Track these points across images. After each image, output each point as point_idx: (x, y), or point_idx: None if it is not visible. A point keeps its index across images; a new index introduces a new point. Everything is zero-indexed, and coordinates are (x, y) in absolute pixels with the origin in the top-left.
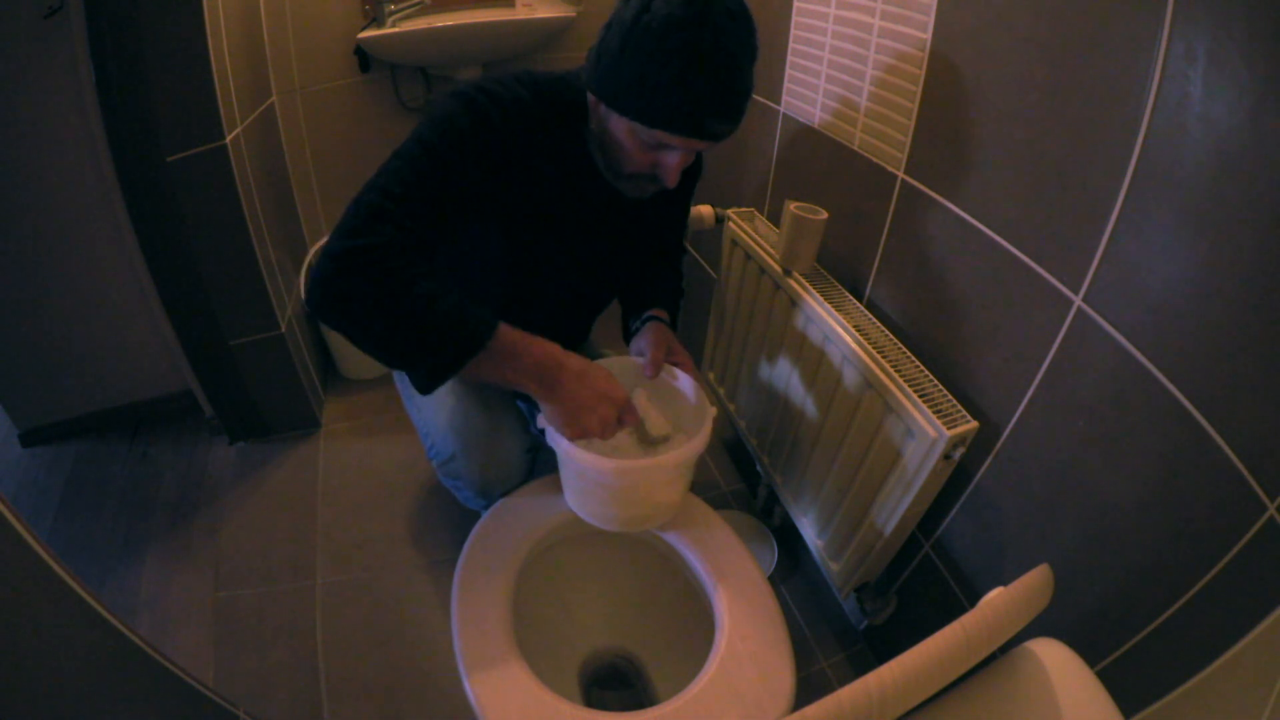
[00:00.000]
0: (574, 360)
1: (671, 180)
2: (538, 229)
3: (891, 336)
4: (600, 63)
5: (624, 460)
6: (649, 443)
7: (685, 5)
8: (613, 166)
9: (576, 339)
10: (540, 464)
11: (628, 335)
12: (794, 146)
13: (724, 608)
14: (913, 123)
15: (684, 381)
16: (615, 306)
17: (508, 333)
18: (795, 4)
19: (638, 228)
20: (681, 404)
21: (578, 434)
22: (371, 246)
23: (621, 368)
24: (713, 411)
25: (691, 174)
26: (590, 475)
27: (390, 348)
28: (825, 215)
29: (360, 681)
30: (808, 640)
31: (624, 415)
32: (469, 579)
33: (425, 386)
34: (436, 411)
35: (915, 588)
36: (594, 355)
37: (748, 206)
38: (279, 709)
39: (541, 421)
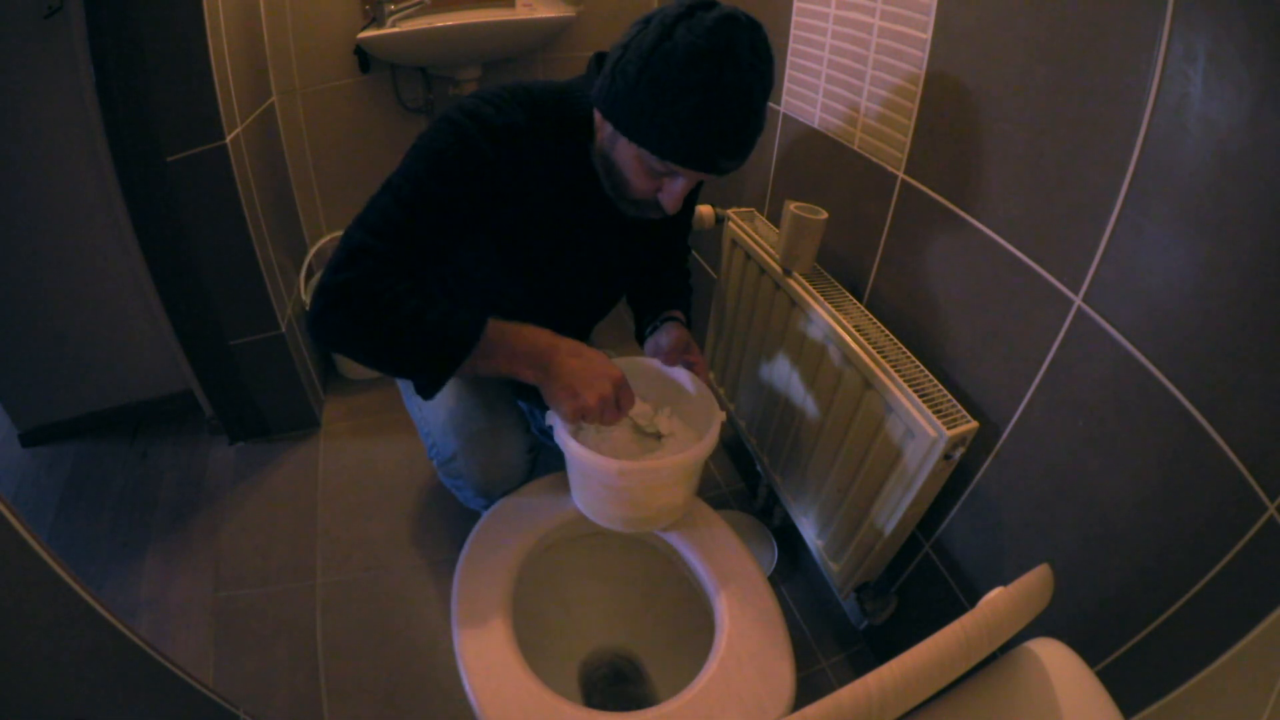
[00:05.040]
0: (567, 341)
1: (674, 207)
2: (540, 246)
3: (891, 336)
4: (613, 86)
5: (629, 461)
6: (649, 434)
7: (709, 36)
8: (616, 188)
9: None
10: (541, 464)
11: (641, 336)
12: (794, 146)
13: (724, 608)
14: (913, 123)
15: (694, 384)
16: (619, 308)
17: (496, 326)
18: (795, 4)
19: (643, 238)
20: (690, 406)
21: (577, 411)
22: (353, 280)
23: (630, 368)
24: (721, 415)
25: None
26: (596, 476)
27: (388, 364)
28: (825, 215)
29: (360, 681)
30: (808, 640)
31: (620, 395)
32: (469, 579)
33: (427, 392)
34: (437, 411)
35: (915, 588)
36: None
37: (748, 206)
38: (279, 709)
39: (549, 419)
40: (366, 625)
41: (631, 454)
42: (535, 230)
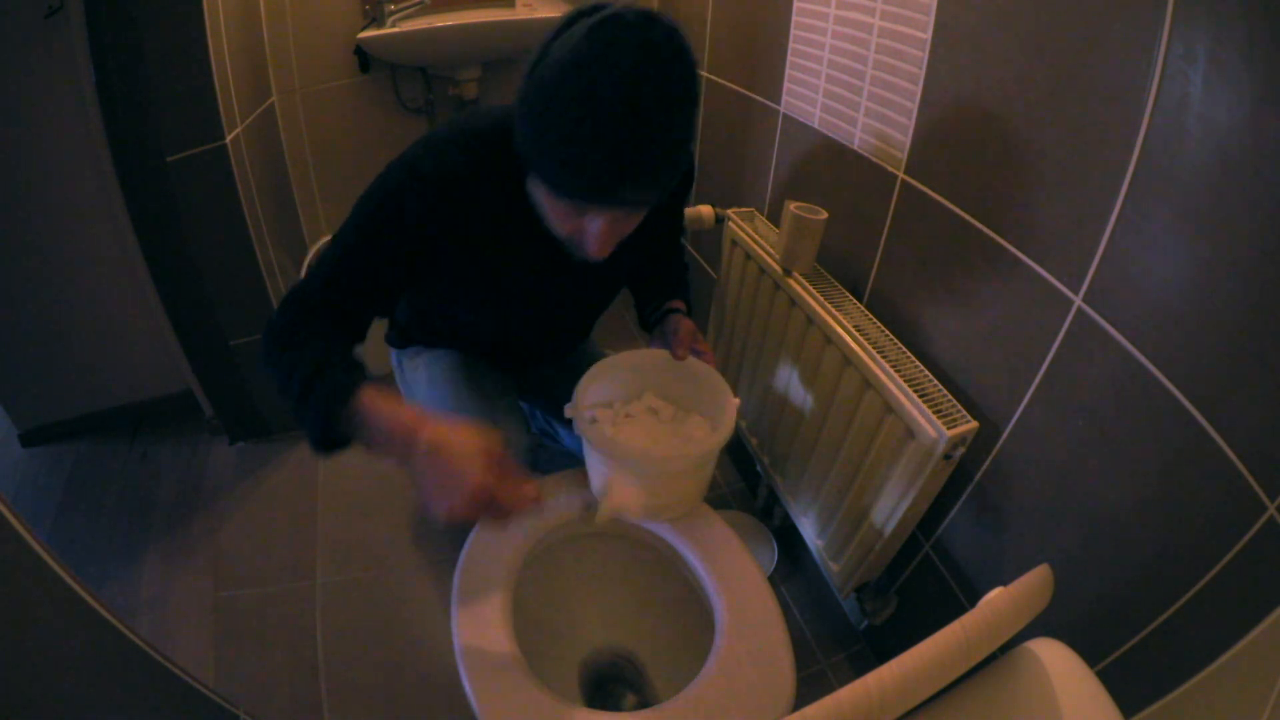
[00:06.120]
0: (429, 433)
1: (599, 251)
2: (503, 284)
3: (891, 336)
4: (516, 116)
5: (649, 448)
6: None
7: (582, 45)
8: (548, 228)
9: (576, 342)
10: (540, 464)
11: (643, 321)
12: (794, 146)
13: (724, 608)
14: (913, 123)
15: (705, 371)
16: (618, 306)
17: (363, 399)
18: (795, 4)
19: (622, 255)
20: (703, 394)
21: (434, 517)
22: (279, 322)
23: (641, 359)
24: (735, 401)
25: (681, 184)
26: (615, 461)
27: (290, 411)
28: (825, 215)
29: (360, 681)
30: (808, 640)
31: (499, 496)
32: (469, 579)
33: (317, 451)
34: (437, 411)
35: (915, 588)
36: (595, 355)
37: (748, 206)
38: (279, 709)
39: (567, 410)
40: (366, 625)
41: (652, 440)
42: (494, 271)
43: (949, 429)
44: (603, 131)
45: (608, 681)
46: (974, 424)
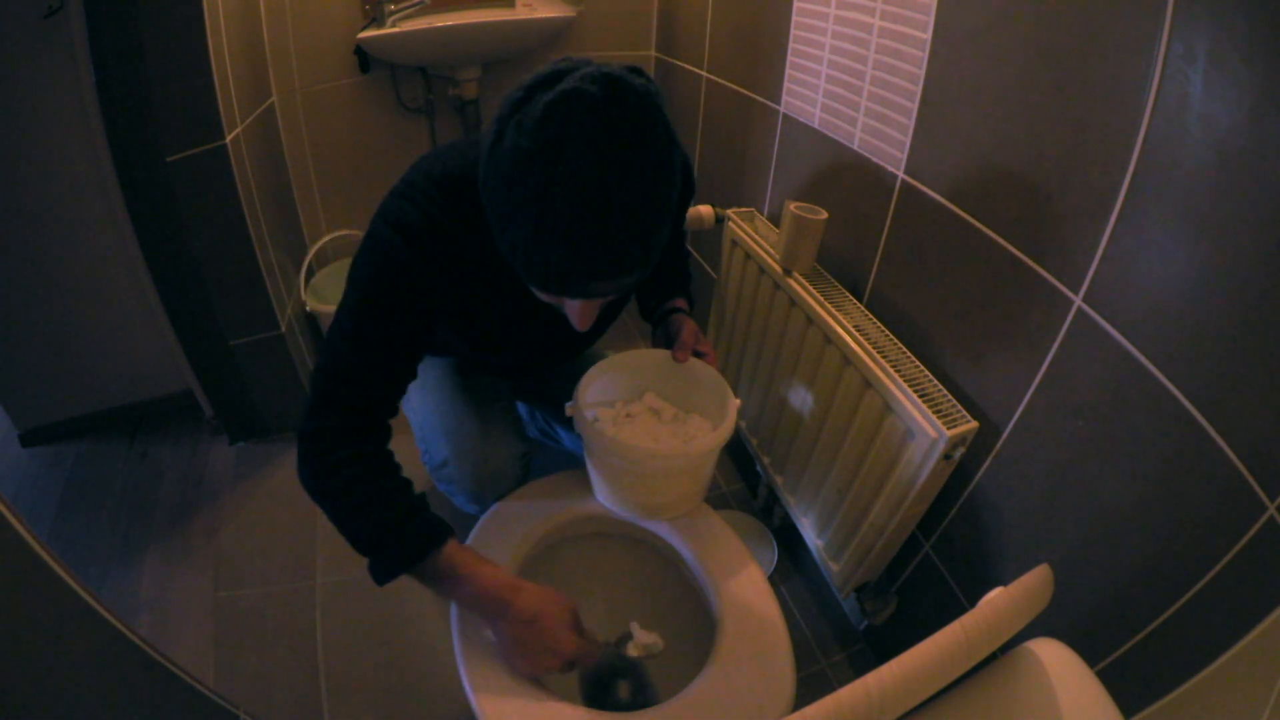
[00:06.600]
0: (525, 601)
1: (581, 327)
2: (500, 325)
3: (891, 336)
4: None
5: (651, 446)
6: (638, 654)
7: (537, 130)
8: None
9: (580, 349)
10: (534, 468)
11: (644, 312)
12: (794, 146)
13: (724, 608)
14: (913, 123)
15: (707, 372)
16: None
17: (454, 554)
18: (795, 4)
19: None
20: (704, 394)
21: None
22: (318, 432)
23: (642, 359)
24: (736, 402)
25: (682, 190)
26: (616, 460)
27: (347, 538)
28: (825, 215)
29: (360, 681)
30: (808, 640)
31: (580, 660)
32: None
33: (375, 580)
34: (429, 416)
35: (915, 588)
36: (595, 356)
37: (748, 206)
38: (279, 709)
39: (568, 409)
40: (366, 625)
41: (653, 440)
42: (490, 313)
43: (949, 429)
44: (562, 232)
45: (607, 681)
46: (974, 424)
